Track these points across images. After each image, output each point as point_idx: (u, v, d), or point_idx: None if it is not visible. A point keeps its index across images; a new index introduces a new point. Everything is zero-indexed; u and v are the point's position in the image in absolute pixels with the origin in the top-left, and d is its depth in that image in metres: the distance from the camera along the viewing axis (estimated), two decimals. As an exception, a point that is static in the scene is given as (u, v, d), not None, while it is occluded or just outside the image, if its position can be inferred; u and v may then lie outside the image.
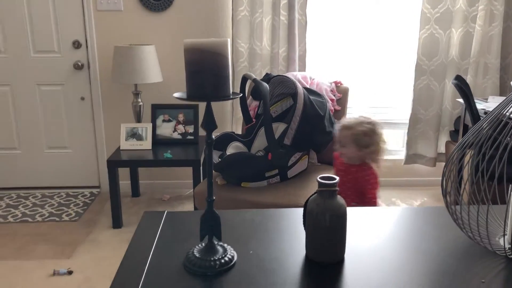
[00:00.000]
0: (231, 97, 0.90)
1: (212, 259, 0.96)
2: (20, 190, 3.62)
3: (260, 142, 2.81)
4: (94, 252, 2.78)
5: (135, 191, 3.56)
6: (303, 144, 2.63)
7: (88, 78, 3.45)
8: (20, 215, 3.24)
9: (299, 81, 2.90)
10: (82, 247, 2.83)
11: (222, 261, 0.97)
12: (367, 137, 2.03)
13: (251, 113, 2.94)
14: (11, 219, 3.18)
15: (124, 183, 3.39)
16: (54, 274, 2.54)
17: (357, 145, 2.04)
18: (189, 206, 3.42)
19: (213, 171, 2.79)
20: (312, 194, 1.03)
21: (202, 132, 3.49)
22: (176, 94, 0.91)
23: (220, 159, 2.66)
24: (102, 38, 3.37)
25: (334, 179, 1.00)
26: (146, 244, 1.06)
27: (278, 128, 2.76)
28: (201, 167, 3.05)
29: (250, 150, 2.83)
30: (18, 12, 3.30)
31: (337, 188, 0.99)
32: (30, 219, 3.18)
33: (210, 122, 0.93)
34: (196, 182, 3.00)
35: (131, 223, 3.15)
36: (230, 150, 2.78)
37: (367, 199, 2.08)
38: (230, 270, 0.97)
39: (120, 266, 0.97)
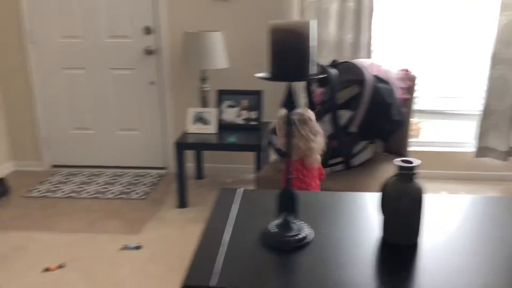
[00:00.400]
0: (313, 77, 0.92)
1: (288, 235, 0.99)
2: (93, 168, 3.85)
3: (324, 129, 2.80)
4: (161, 229, 2.91)
5: (199, 174, 3.67)
6: (369, 132, 2.59)
7: (158, 63, 3.58)
8: (92, 191, 3.45)
9: (366, 68, 2.85)
10: (149, 224, 2.97)
11: (298, 237, 0.99)
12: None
13: (316, 100, 2.94)
14: (85, 195, 3.39)
15: (189, 166, 3.50)
16: (124, 248, 2.69)
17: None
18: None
19: (278, 156, 2.82)
20: (390, 178, 1.03)
21: (266, 118, 3.53)
22: (259, 74, 0.94)
23: (284, 145, 2.69)
24: (172, 24, 3.48)
25: (413, 162, 0.99)
26: (224, 219, 1.11)
27: (344, 115, 2.73)
28: (263, 152, 3.08)
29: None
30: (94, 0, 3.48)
31: (416, 172, 0.99)
32: (101, 196, 3.37)
33: (291, 102, 0.95)
34: (258, 166, 3.04)
35: (195, 203, 3.26)
36: (293, 136, 2.80)
37: None
38: (305, 246, 1.00)
39: (201, 237, 1.02)
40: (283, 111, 1.93)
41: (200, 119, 3.32)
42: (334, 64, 2.82)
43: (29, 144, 3.84)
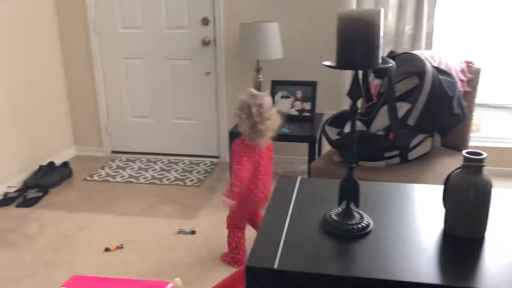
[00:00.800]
0: (380, 66, 0.91)
1: (349, 223, 1.00)
2: (150, 155, 3.99)
3: (380, 121, 2.76)
4: (214, 216, 2.98)
5: (251, 163, 3.71)
6: (427, 126, 2.52)
7: (214, 54, 3.65)
8: (149, 177, 3.58)
9: (427, 60, 2.77)
10: (203, 211, 3.05)
11: (359, 226, 1.00)
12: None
13: (372, 91, 2.89)
14: (142, 180, 3.52)
15: (242, 155, 3.55)
16: (179, 232, 2.78)
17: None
18: (302, 182, 3.49)
19: (331, 148, 2.81)
20: (455, 170, 1.01)
21: (318, 109, 3.52)
22: (326, 62, 0.95)
23: (338, 136, 2.67)
24: (229, 15, 3.53)
25: (481, 154, 0.97)
26: (283, 206, 1.13)
27: (401, 107, 2.67)
28: (316, 144, 3.08)
29: (369, 129, 2.79)
30: (155, -9, 3.59)
31: (484, 164, 0.96)
32: (158, 182, 3.49)
33: (356, 91, 0.95)
34: (311, 158, 3.04)
35: (247, 193, 3.30)
36: (348, 128, 2.77)
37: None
38: (366, 235, 1.00)
39: (262, 223, 1.05)
40: (245, 93, 2.36)
41: (254, 109, 3.35)
42: (392, 56, 2.76)
43: (90, 131, 4.03)
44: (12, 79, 3.31)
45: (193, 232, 2.77)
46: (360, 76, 0.91)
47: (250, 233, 2.47)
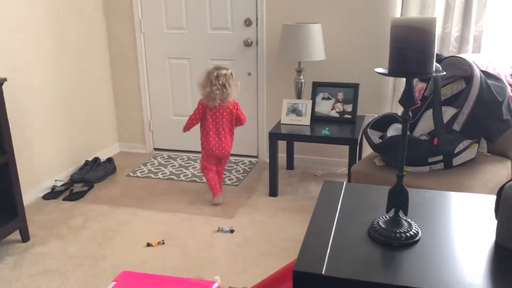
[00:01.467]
0: (433, 74, 0.91)
1: (397, 231, 0.99)
2: (190, 153, 4.06)
3: (424, 125, 2.71)
4: (253, 215, 3.01)
5: (290, 164, 3.73)
6: (474, 131, 2.46)
7: (256, 55, 3.68)
8: (190, 175, 3.65)
9: (474, 64, 2.69)
10: (242, 210, 3.08)
11: (408, 234, 0.99)
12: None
13: (416, 94, 2.84)
14: (183, 178, 3.60)
15: (280, 156, 3.56)
16: (218, 230, 2.82)
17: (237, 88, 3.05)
18: (341, 184, 3.47)
19: (373, 152, 2.78)
20: (509, 180, 0.99)
21: (360, 112, 3.49)
22: (378, 69, 0.95)
23: (380, 140, 2.64)
24: (272, 16, 3.54)
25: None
26: (330, 211, 1.13)
27: (446, 112, 2.62)
28: (357, 146, 3.05)
29: (412, 133, 2.74)
30: (199, -8, 3.65)
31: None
32: (198, 180, 3.55)
33: (409, 99, 0.94)
34: (352, 161, 3.02)
35: (285, 193, 3.32)
36: (391, 132, 2.74)
37: (243, 121, 3.16)
38: (414, 244, 1.00)
39: (309, 227, 1.06)
40: (213, 68, 3.02)
41: (294, 110, 3.36)
42: (438, 59, 2.70)
43: (134, 128, 4.15)
44: (61, 77, 3.45)
45: (232, 231, 2.81)
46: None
47: (295, 232, 2.48)
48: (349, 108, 3.34)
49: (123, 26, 3.87)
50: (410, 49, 0.89)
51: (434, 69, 0.91)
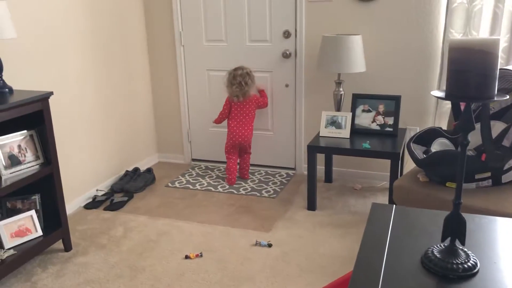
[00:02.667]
0: (495, 98, 0.86)
1: (454, 261, 0.94)
2: (227, 164, 4.07)
3: (471, 140, 2.61)
4: (291, 229, 2.97)
5: (328, 177, 3.67)
6: (525, 148, 2.35)
7: (294, 66, 3.65)
8: (227, 186, 3.65)
9: (525, 76, 2.58)
10: (279, 223, 3.05)
11: (465, 266, 0.94)
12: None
13: (461, 107, 2.74)
14: (220, 189, 3.60)
15: (318, 168, 3.52)
16: (256, 244, 2.80)
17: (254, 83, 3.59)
18: (382, 199, 3.39)
19: (415, 166, 2.70)
20: None
21: (402, 125, 3.40)
22: (433, 92, 0.91)
23: (424, 155, 2.56)
24: (311, 28, 3.52)
25: None
26: (381, 235, 1.09)
27: (495, 126, 2.52)
28: (399, 161, 2.97)
29: (458, 148, 2.65)
30: (239, 6, 3.66)
31: None
32: (235, 192, 3.55)
33: (468, 123, 0.90)
34: (393, 175, 2.94)
35: (324, 207, 3.27)
36: (435, 147, 2.65)
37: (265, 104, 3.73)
38: (473, 277, 0.94)
39: (359, 253, 1.02)
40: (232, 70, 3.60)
41: (333, 122, 3.31)
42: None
43: (173, 138, 4.20)
44: (102, 89, 3.54)
45: (270, 245, 2.78)
46: (473, 107, 0.86)
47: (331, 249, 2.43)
48: (390, 120, 3.27)
49: (164, 38, 3.94)
50: (470, 72, 0.84)
51: (495, 92, 0.86)
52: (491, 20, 3.02)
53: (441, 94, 0.90)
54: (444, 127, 3.10)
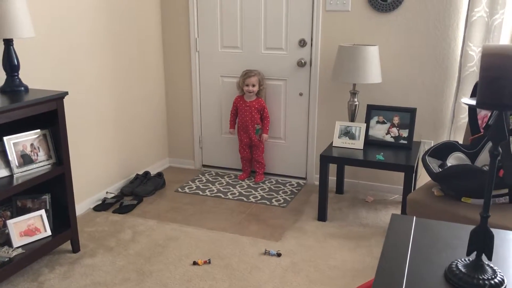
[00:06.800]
0: (530, 107, 0.82)
1: (480, 277, 0.90)
2: (238, 171, 4.04)
3: (488, 155, 2.56)
4: (301, 239, 2.93)
5: (340, 188, 3.63)
6: (545, 164, 2.29)
7: (309, 75, 3.63)
8: (237, 193, 3.62)
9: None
10: (289, 233, 3.01)
11: (492, 282, 0.90)
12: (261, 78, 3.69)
13: (479, 122, 2.70)
14: (230, 196, 3.57)
15: (330, 179, 3.48)
16: (265, 253, 2.76)
17: (259, 84, 3.67)
18: (394, 211, 3.33)
19: (430, 180, 2.65)
20: None
21: (416, 138, 3.36)
22: (465, 100, 0.88)
23: (440, 169, 2.51)
24: (327, 37, 3.50)
25: None
26: (402, 248, 1.06)
27: (514, 142, 2.47)
28: (414, 174, 2.92)
29: (474, 163, 2.60)
30: (255, 14, 3.66)
31: None
32: (245, 199, 3.52)
33: (501, 133, 0.86)
34: (407, 188, 2.90)
35: (334, 218, 3.22)
36: (451, 161, 2.60)
37: (266, 114, 3.76)
38: (499, 293, 0.90)
39: (379, 266, 0.99)
40: (249, 70, 3.69)
41: (347, 133, 3.28)
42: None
43: (184, 144, 4.18)
44: (115, 92, 3.54)
45: (279, 255, 2.74)
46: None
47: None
48: (405, 133, 3.22)
49: (179, 44, 3.94)
50: (504, 79, 0.81)
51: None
52: (511, 34, 2.98)
53: (472, 102, 0.87)
54: (460, 141, 3.05)
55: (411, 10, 3.25)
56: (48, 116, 2.55)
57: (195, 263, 2.64)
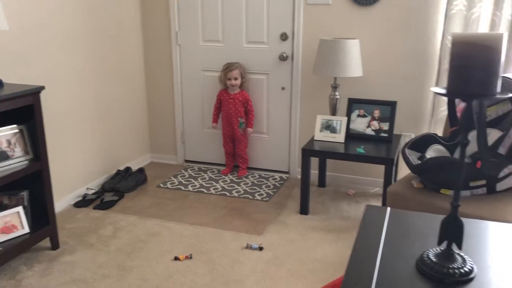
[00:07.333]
0: (499, 95, 0.83)
1: (451, 266, 0.91)
2: (221, 166, 4.03)
3: (468, 148, 2.59)
4: (283, 233, 2.93)
5: (322, 182, 3.64)
6: (521, 156, 2.32)
7: (291, 69, 3.63)
8: (220, 188, 3.60)
9: (522, 84, 2.56)
10: (271, 227, 3.01)
11: (462, 271, 0.91)
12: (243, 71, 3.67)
13: (458, 115, 2.72)
14: (213, 191, 3.55)
15: (312, 172, 3.48)
16: (247, 247, 2.76)
17: (241, 77, 3.65)
18: (375, 204, 3.35)
19: (410, 173, 2.67)
20: None
21: (397, 131, 3.38)
22: (433, 89, 0.88)
23: (419, 161, 2.53)
24: (308, 31, 3.50)
25: None
26: (374, 238, 1.06)
27: (490, 134, 2.50)
28: (394, 166, 2.94)
29: (453, 155, 2.62)
30: (237, 7, 3.63)
31: None
32: (227, 194, 3.51)
33: (468, 122, 0.87)
34: (387, 181, 2.91)
35: (316, 211, 3.23)
36: (430, 153, 2.63)
37: (250, 107, 3.73)
38: (469, 282, 0.91)
39: (352, 256, 0.98)
40: (231, 63, 3.66)
41: (328, 126, 3.28)
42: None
43: (166, 139, 4.15)
44: (96, 87, 3.49)
45: (261, 249, 2.74)
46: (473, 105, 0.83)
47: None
48: (385, 126, 3.24)
49: (160, 37, 3.90)
50: (474, 68, 0.81)
51: (498, 90, 0.83)
52: (489, 27, 3.01)
53: (442, 90, 0.87)
54: (440, 134, 3.08)
55: (392, 3, 3.25)
56: (25, 112, 2.50)
57: (176, 259, 2.63)
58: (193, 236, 2.88)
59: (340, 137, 3.24)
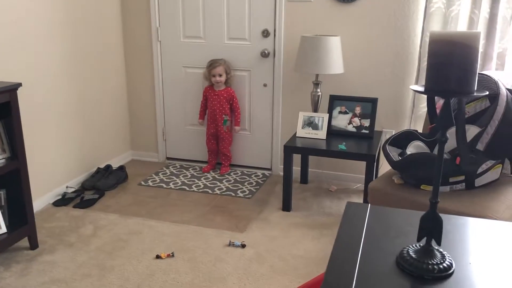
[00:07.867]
0: (476, 93, 0.84)
1: (430, 262, 0.92)
2: (203, 163, 4.01)
3: (447, 144, 2.62)
4: (265, 230, 2.93)
5: (304, 178, 3.65)
6: (498, 152, 2.37)
7: (272, 66, 3.62)
8: (202, 186, 3.59)
9: (500, 81, 2.61)
10: (254, 224, 3.01)
11: (441, 266, 0.92)
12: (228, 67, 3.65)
13: (437, 111, 2.76)
14: (195, 189, 3.54)
15: (294, 169, 3.49)
16: (229, 244, 2.75)
17: (226, 73, 3.62)
18: (357, 201, 3.38)
19: (391, 169, 2.70)
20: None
21: (378, 127, 3.41)
22: (412, 87, 0.88)
23: (400, 157, 2.56)
24: (290, 28, 3.50)
25: None
26: (355, 236, 1.06)
27: (469, 130, 2.54)
28: (375, 163, 2.97)
29: (432, 151, 2.66)
30: (218, 2, 3.61)
31: None
32: (210, 191, 3.49)
33: (447, 119, 0.87)
34: (368, 177, 2.94)
35: (299, 208, 3.24)
36: (410, 149, 2.65)
37: (236, 104, 3.72)
38: (448, 278, 0.92)
39: (332, 253, 0.99)
40: (215, 60, 3.63)
41: (310, 123, 3.29)
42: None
43: (147, 136, 4.11)
44: (75, 84, 3.43)
45: (243, 246, 2.74)
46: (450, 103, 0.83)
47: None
48: (366, 123, 3.26)
49: (140, 33, 3.85)
50: (451, 65, 0.82)
51: (475, 88, 0.84)
52: (467, 25, 3.05)
53: (420, 88, 0.88)
54: (420, 130, 3.11)
55: (372, 1, 3.27)
56: (1, 109, 2.45)
57: (158, 257, 2.61)
58: (175, 234, 2.86)
59: (322, 133, 3.25)
